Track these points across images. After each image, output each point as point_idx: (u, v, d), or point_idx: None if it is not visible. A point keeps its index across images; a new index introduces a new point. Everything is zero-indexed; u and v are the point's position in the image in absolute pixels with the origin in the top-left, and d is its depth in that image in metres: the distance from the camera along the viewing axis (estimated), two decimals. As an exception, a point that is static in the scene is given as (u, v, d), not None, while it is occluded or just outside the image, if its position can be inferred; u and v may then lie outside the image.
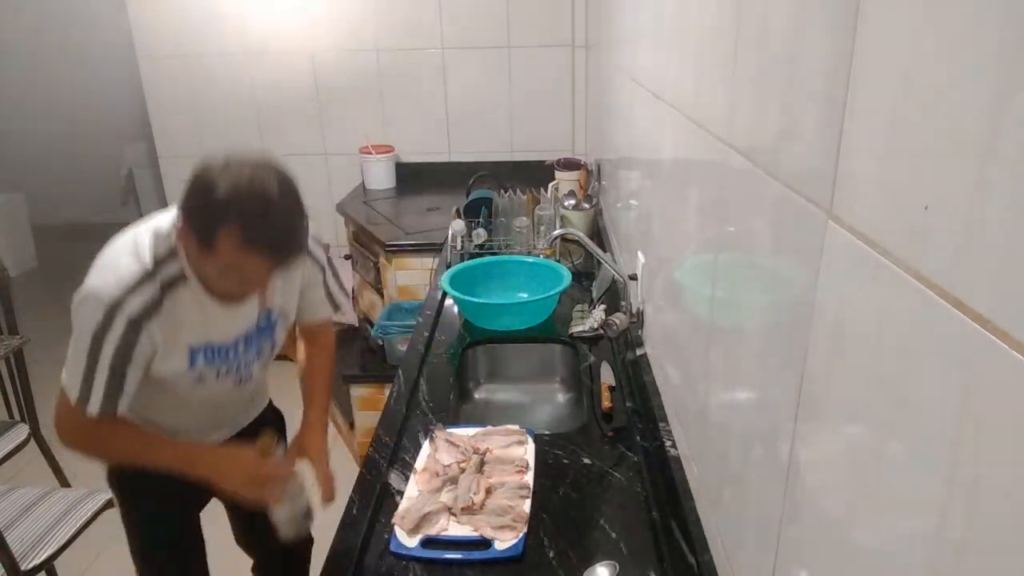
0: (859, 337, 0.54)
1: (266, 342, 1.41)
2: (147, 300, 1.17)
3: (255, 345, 1.39)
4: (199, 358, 1.28)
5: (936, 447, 0.44)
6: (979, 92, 0.39)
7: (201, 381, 1.31)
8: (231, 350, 1.34)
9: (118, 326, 1.15)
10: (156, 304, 1.18)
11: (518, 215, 2.45)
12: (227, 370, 1.35)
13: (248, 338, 1.36)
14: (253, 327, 1.36)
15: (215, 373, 1.33)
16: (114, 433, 1.28)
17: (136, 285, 1.17)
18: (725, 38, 0.91)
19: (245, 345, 1.36)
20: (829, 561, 0.61)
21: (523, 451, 1.39)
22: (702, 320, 1.08)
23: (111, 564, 2.41)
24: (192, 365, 1.28)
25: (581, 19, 3.27)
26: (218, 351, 1.31)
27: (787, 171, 0.70)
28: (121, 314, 1.15)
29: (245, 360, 1.38)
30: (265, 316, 1.38)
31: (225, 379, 1.36)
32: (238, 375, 1.39)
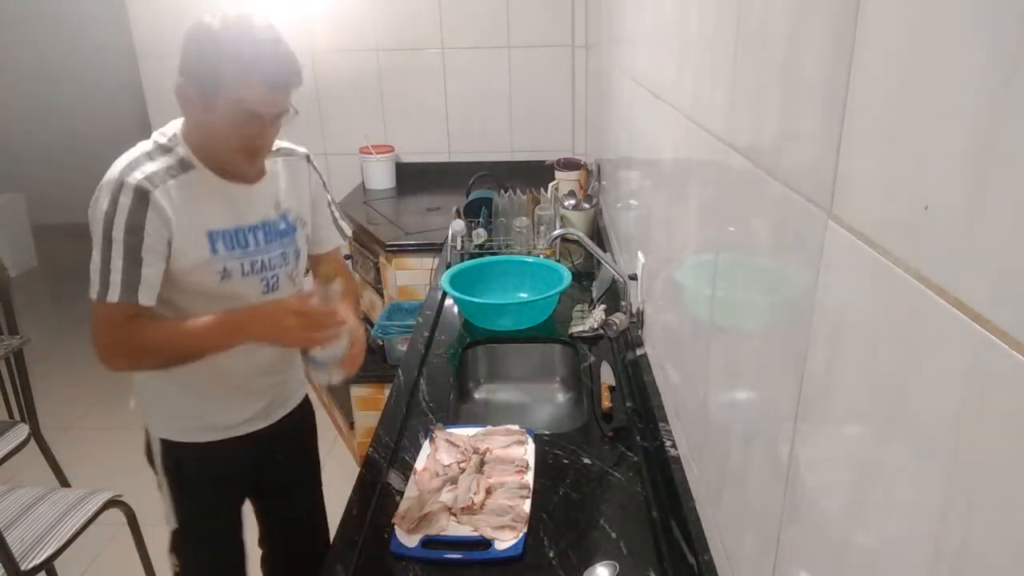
0: (859, 337, 0.54)
1: (289, 245, 1.41)
2: (152, 170, 1.22)
3: (277, 243, 1.38)
4: (219, 243, 1.29)
5: (936, 447, 0.44)
6: (979, 92, 0.39)
7: (228, 277, 1.31)
8: (250, 237, 1.33)
9: (125, 198, 1.19)
10: (162, 175, 1.23)
11: (518, 215, 2.45)
12: (251, 267, 1.34)
13: (267, 230, 1.36)
14: (271, 220, 1.37)
15: (240, 267, 1.32)
16: (148, 327, 1.25)
17: (141, 161, 1.23)
18: (725, 38, 0.91)
19: (265, 238, 1.36)
20: (829, 561, 0.61)
21: (523, 451, 1.39)
22: (702, 320, 1.08)
23: (111, 564, 2.41)
24: (214, 251, 1.28)
25: (581, 19, 3.27)
26: (237, 237, 1.31)
27: (787, 171, 0.70)
28: (127, 185, 1.19)
29: (269, 259, 1.37)
30: (282, 217, 1.40)
31: (252, 279, 1.34)
32: (264, 278, 1.36)
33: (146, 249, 1.21)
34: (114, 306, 1.20)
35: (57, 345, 4.08)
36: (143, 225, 1.20)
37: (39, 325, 4.29)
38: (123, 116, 5.48)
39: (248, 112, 1.20)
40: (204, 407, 1.42)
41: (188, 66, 1.21)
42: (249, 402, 1.47)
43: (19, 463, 2.38)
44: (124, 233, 1.19)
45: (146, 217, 1.20)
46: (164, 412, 1.44)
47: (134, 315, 1.23)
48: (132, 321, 1.23)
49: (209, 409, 1.43)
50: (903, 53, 0.48)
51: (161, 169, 1.24)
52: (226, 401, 1.44)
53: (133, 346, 1.26)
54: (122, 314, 1.22)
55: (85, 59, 5.44)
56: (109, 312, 1.21)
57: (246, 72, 1.18)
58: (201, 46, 1.20)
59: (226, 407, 1.44)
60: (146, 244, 1.20)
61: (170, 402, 1.42)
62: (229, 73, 1.17)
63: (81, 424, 3.33)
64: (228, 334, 1.28)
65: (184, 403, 1.42)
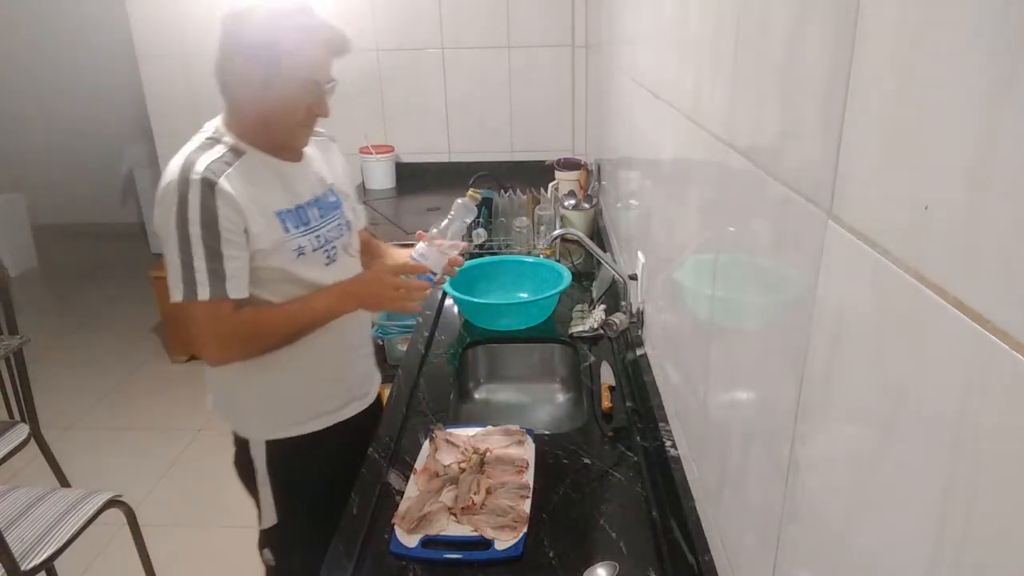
0: (859, 337, 0.54)
1: (340, 218, 1.46)
2: (209, 161, 1.24)
3: (331, 216, 1.43)
4: (288, 222, 1.32)
5: (936, 447, 0.44)
6: (979, 91, 0.39)
7: (302, 254, 1.34)
8: (309, 213, 1.37)
9: (193, 194, 1.20)
10: (220, 165, 1.24)
11: (518, 215, 2.45)
12: (317, 242, 1.38)
13: (321, 205, 1.40)
14: (322, 195, 1.41)
15: (310, 244, 1.36)
16: (259, 313, 1.29)
17: (195, 156, 1.24)
18: (725, 38, 0.91)
19: (320, 212, 1.40)
20: (829, 561, 0.61)
21: (523, 451, 1.39)
22: (702, 320, 1.08)
23: (111, 564, 2.41)
24: (286, 230, 1.32)
25: (581, 19, 3.27)
26: (299, 214, 1.35)
27: (787, 171, 0.70)
28: (192, 181, 1.20)
29: (327, 233, 1.41)
30: (329, 190, 1.44)
31: (318, 255, 1.38)
32: (326, 251, 1.40)
33: (224, 242, 1.22)
34: (210, 304, 1.22)
35: (57, 345, 4.08)
36: (216, 217, 1.21)
37: (39, 325, 4.29)
38: (123, 117, 5.48)
39: (310, 80, 1.25)
40: (308, 395, 1.47)
41: (243, 47, 1.23)
42: (345, 382, 1.52)
43: (19, 463, 2.38)
44: (201, 228, 1.20)
45: (217, 208, 1.21)
46: (266, 413, 1.46)
47: (235, 307, 1.25)
48: (237, 312, 1.25)
49: (313, 396, 1.47)
50: (903, 52, 0.48)
51: (216, 159, 1.25)
52: (326, 384, 1.49)
53: (246, 334, 1.29)
54: (222, 308, 1.24)
55: (85, 60, 5.44)
56: (207, 310, 1.23)
57: (308, 40, 1.23)
58: (256, 24, 1.22)
59: (327, 391, 1.49)
60: (223, 237, 1.22)
61: (272, 402, 1.45)
62: (291, 43, 1.21)
63: (81, 424, 3.33)
64: (339, 301, 1.34)
65: (288, 398, 1.45)
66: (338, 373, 1.51)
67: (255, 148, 1.31)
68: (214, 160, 1.25)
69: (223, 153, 1.27)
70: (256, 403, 1.45)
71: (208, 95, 4.22)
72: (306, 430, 1.47)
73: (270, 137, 1.32)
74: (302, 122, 1.31)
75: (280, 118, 1.29)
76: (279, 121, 1.30)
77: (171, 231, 1.21)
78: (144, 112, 3.69)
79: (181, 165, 1.23)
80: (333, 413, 1.51)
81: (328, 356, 1.46)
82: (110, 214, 5.92)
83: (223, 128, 1.32)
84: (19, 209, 5.26)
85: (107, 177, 5.70)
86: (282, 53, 1.22)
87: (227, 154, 1.27)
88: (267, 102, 1.26)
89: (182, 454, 3.07)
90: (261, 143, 1.31)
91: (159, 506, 2.73)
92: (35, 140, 5.72)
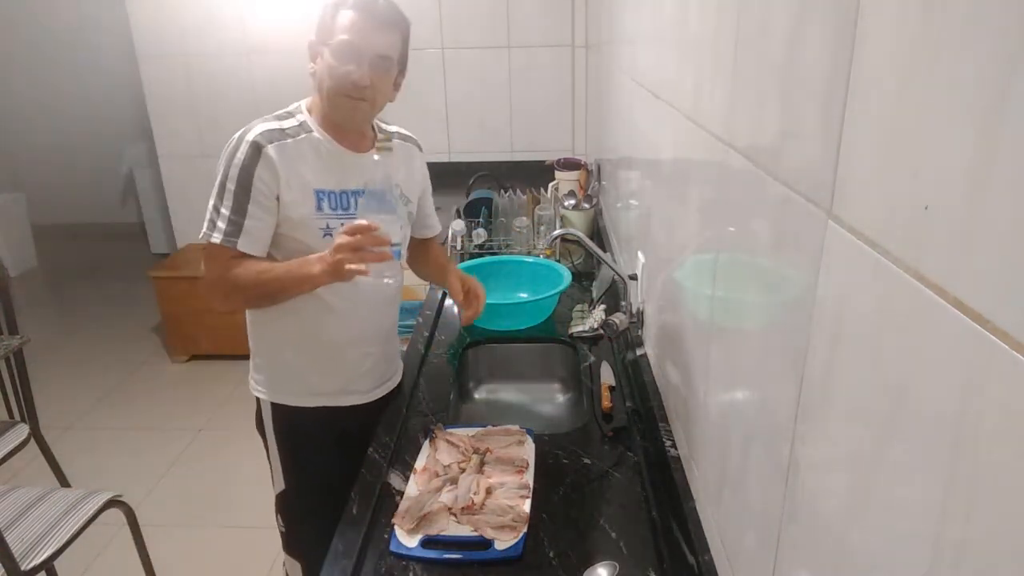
0: (859, 337, 0.54)
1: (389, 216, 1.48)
2: (269, 128, 1.36)
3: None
4: (324, 203, 1.39)
5: (936, 447, 0.44)
6: (979, 91, 0.39)
7: (329, 235, 1.38)
8: (352, 200, 1.42)
9: (241, 153, 1.32)
10: (279, 134, 1.35)
11: (518, 215, 2.45)
12: None
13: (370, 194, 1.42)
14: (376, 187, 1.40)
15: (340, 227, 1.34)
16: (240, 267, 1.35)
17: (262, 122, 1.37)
18: (725, 38, 0.91)
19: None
20: (829, 561, 0.61)
21: (523, 451, 1.39)
22: (702, 320, 1.08)
23: (111, 564, 2.41)
24: (319, 208, 1.39)
25: (581, 19, 3.27)
26: (341, 199, 1.41)
27: (787, 171, 0.70)
28: (245, 141, 1.33)
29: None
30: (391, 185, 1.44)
31: None
32: None
33: (253, 201, 1.32)
34: (217, 247, 1.33)
35: (57, 345, 4.08)
36: (252, 179, 1.32)
37: (39, 325, 4.29)
38: (123, 117, 5.48)
39: (348, 44, 1.31)
40: (308, 372, 1.52)
41: (317, 24, 1.36)
42: (344, 371, 1.54)
43: (19, 463, 2.38)
44: (236, 184, 1.32)
45: (255, 170, 1.32)
46: (276, 377, 1.54)
47: (236, 256, 1.34)
48: (232, 262, 1.34)
49: (309, 375, 1.52)
50: (903, 52, 0.48)
51: (279, 129, 1.37)
52: (325, 368, 1.53)
53: (227, 284, 1.37)
54: (224, 255, 1.34)
55: (85, 60, 5.44)
56: (213, 251, 1.34)
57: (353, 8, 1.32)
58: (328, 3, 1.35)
59: (325, 373, 1.53)
60: (253, 197, 1.32)
61: (282, 369, 1.53)
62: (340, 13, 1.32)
63: (81, 424, 3.33)
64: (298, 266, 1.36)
65: (293, 369, 1.52)
66: (334, 358, 1.53)
67: (322, 129, 1.40)
68: (274, 128, 1.36)
69: (289, 126, 1.38)
70: (267, 363, 1.53)
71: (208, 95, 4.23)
72: (303, 403, 1.53)
73: (327, 113, 1.39)
74: (346, 91, 1.34)
75: (327, 86, 1.35)
76: (326, 92, 1.35)
77: (217, 177, 1.34)
78: (144, 112, 3.69)
79: (247, 127, 1.36)
80: (328, 396, 1.54)
81: (330, 341, 1.49)
82: (110, 214, 5.92)
83: (304, 107, 1.43)
84: (19, 209, 5.26)
85: (107, 177, 5.70)
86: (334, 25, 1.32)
87: (293, 128, 1.38)
88: (320, 75, 1.35)
89: (182, 454, 3.07)
90: (327, 125, 1.41)
91: (159, 506, 2.73)
92: (35, 140, 5.72)
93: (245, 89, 3.50)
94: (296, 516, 1.62)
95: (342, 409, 1.55)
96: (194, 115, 3.56)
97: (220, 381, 3.61)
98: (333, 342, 1.50)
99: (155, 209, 5.05)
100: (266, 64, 3.44)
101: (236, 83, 3.50)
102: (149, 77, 3.55)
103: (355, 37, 1.32)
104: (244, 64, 3.47)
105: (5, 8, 5.33)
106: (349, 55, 1.32)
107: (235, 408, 3.37)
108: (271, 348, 1.52)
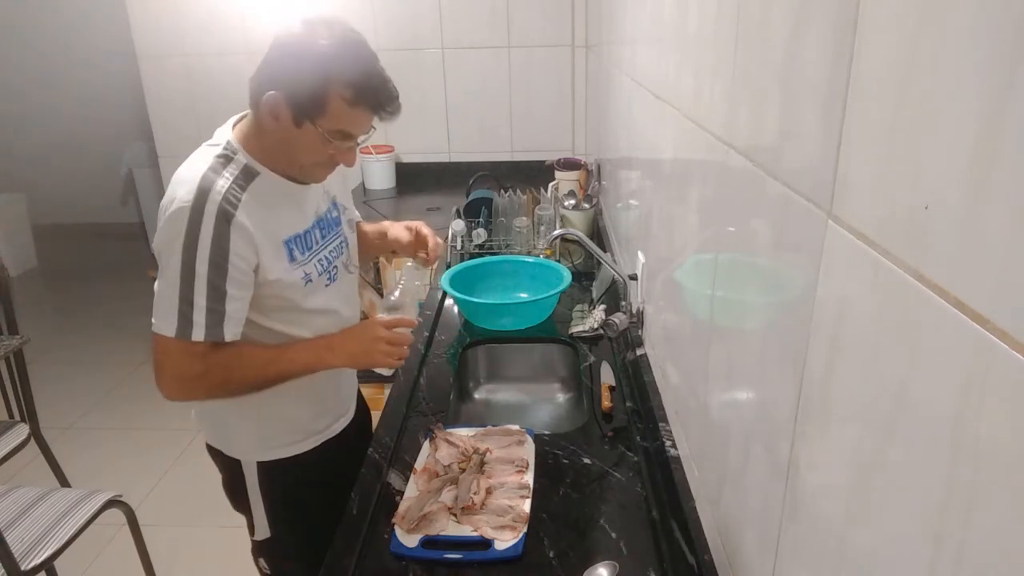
0: (859, 337, 0.54)
1: (339, 235, 1.42)
2: (225, 187, 1.15)
3: (332, 235, 1.39)
4: (295, 250, 1.27)
5: (936, 447, 0.44)
6: (979, 91, 0.39)
7: (309, 281, 1.29)
8: (312, 236, 1.32)
9: (207, 227, 1.12)
10: (235, 191, 1.16)
11: (518, 215, 2.45)
12: (320, 266, 1.33)
13: (322, 223, 1.36)
14: (324, 212, 1.37)
15: (315, 268, 1.31)
16: (234, 359, 1.20)
17: (210, 178, 1.15)
18: (725, 38, 0.91)
19: (322, 233, 1.36)
20: (829, 561, 0.61)
21: (523, 451, 1.39)
22: (702, 320, 1.08)
23: (111, 564, 2.41)
24: (292, 259, 1.26)
25: (581, 19, 3.27)
26: (305, 239, 1.30)
27: (787, 171, 0.70)
28: (208, 212, 1.12)
29: (329, 253, 1.37)
30: (332, 204, 1.40)
31: (322, 278, 1.33)
32: (327, 271, 1.36)
33: (231, 281, 1.15)
34: (198, 344, 1.15)
35: (57, 345, 4.08)
36: (227, 255, 1.13)
37: (39, 325, 4.29)
38: (123, 117, 5.48)
39: (345, 134, 1.19)
40: (298, 418, 1.43)
41: (289, 83, 1.14)
42: (334, 403, 1.50)
43: (19, 463, 2.38)
44: (208, 266, 1.12)
45: (230, 246, 1.14)
46: (256, 436, 1.41)
47: (211, 347, 1.16)
48: (214, 353, 1.17)
49: (303, 419, 1.44)
50: (903, 52, 0.48)
51: (231, 183, 1.17)
52: (315, 406, 1.46)
53: (215, 381, 1.21)
54: (204, 348, 1.16)
55: (85, 60, 5.44)
56: (190, 349, 1.15)
57: (355, 102, 1.14)
58: (309, 66, 1.13)
59: (316, 412, 1.46)
60: (230, 275, 1.15)
61: (262, 424, 1.40)
62: (337, 100, 1.14)
63: (81, 424, 3.33)
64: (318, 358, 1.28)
65: (279, 420, 1.41)
66: (326, 396, 1.48)
67: (268, 170, 1.24)
68: (229, 185, 1.17)
69: (236, 174, 1.19)
70: (247, 425, 1.41)
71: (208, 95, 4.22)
72: (297, 451, 1.44)
73: (287, 167, 1.26)
74: (323, 164, 1.25)
75: (302, 158, 1.23)
76: (299, 160, 1.24)
77: (174, 259, 1.13)
78: (144, 112, 3.68)
79: (196, 189, 1.14)
80: (323, 432, 1.48)
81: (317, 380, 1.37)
82: (110, 214, 5.92)
83: (236, 143, 1.23)
84: (19, 209, 5.26)
85: (107, 177, 5.70)
86: (326, 110, 1.14)
87: (240, 175, 1.20)
88: (290, 141, 1.19)
89: (182, 454, 3.07)
90: (272, 165, 1.24)
91: (159, 506, 2.73)
92: (35, 140, 5.73)
93: (245, 89, 3.49)
94: (284, 557, 1.53)
95: (331, 440, 1.50)
96: (194, 115, 3.56)
97: (220, 381, 3.61)
98: (327, 377, 1.41)
99: (155, 209, 5.00)
100: (266, 64, 3.44)
101: (236, 83, 3.47)
102: (149, 77, 3.55)
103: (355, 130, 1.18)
104: (244, 64, 3.44)
105: (5, 8, 5.33)
106: (347, 143, 1.20)
107: (235, 408, 3.37)
108: (253, 406, 1.34)
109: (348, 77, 1.13)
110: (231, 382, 1.24)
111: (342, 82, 1.13)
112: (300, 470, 1.45)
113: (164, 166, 3.79)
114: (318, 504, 1.48)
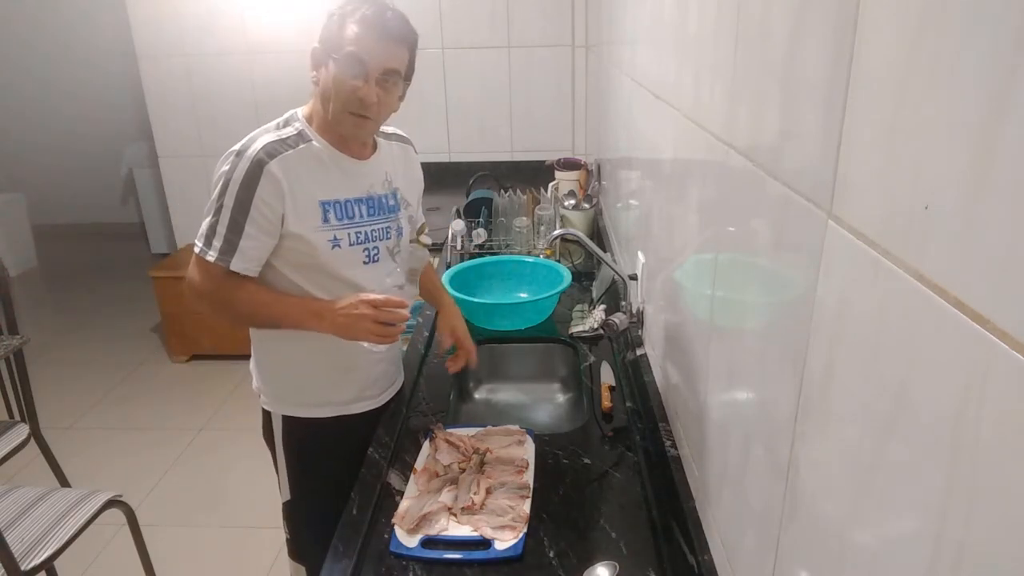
0: (859, 337, 0.54)
1: (392, 221, 1.48)
2: (271, 140, 1.32)
3: (381, 217, 1.46)
4: (330, 213, 1.37)
5: (936, 447, 0.44)
6: (979, 91, 0.39)
7: (337, 246, 1.38)
8: (356, 208, 1.41)
9: (242, 169, 1.28)
10: (279, 147, 1.31)
11: (518, 215, 2.45)
12: (356, 238, 1.41)
13: (371, 203, 1.44)
14: (378, 194, 1.45)
15: (348, 237, 1.39)
16: (239, 289, 1.34)
17: (261, 134, 1.33)
18: (725, 38, 0.91)
19: (369, 210, 1.43)
20: (829, 561, 0.61)
21: (523, 451, 1.39)
22: (702, 320, 1.08)
23: (111, 564, 2.41)
24: (325, 220, 1.36)
25: (581, 19, 3.27)
26: (346, 208, 1.39)
27: (787, 171, 0.70)
28: (246, 156, 1.29)
29: (372, 231, 1.44)
30: (392, 193, 1.48)
31: (356, 250, 1.41)
32: (366, 248, 1.43)
33: (251, 221, 1.29)
34: (212, 263, 1.31)
35: (57, 345, 4.08)
36: (252, 198, 1.28)
37: (39, 325, 4.29)
38: (123, 117, 5.48)
39: (355, 57, 1.27)
40: (317, 385, 1.52)
41: (322, 32, 1.32)
42: (354, 380, 1.54)
43: (19, 463, 2.38)
44: (234, 201, 1.28)
45: (256, 191, 1.28)
46: (284, 390, 1.53)
47: (230, 273, 1.32)
48: (228, 278, 1.33)
49: (321, 386, 1.52)
50: (903, 52, 0.48)
51: (279, 140, 1.33)
52: (335, 379, 1.52)
53: (219, 300, 1.36)
54: (218, 272, 1.32)
55: (85, 60, 5.44)
56: (208, 266, 1.32)
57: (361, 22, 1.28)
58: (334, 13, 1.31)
59: (335, 384, 1.53)
60: (251, 216, 1.29)
61: (289, 382, 1.52)
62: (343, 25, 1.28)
63: (81, 424, 3.33)
64: (306, 317, 1.36)
65: (301, 382, 1.52)
66: (349, 368, 1.53)
67: (322, 138, 1.37)
68: (276, 140, 1.32)
69: (289, 136, 1.34)
70: (274, 377, 1.52)
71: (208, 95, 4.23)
72: (315, 414, 1.52)
73: (329, 124, 1.36)
74: (352, 109, 1.32)
75: (334, 104, 1.32)
76: (332, 109, 1.32)
77: (215, 192, 1.30)
78: (144, 112, 3.69)
79: (248, 139, 1.32)
80: (342, 405, 1.53)
81: (341, 350, 1.46)
82: (110, 214, 5.92)
83: (301, 115, 1.39)
84: (19, 209, 5.26)
85: (107, 177, 5.70)
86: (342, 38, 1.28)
87: (292, 138, 1.34)
88: (325, 88, 1.32)
89: (182, 454, 3.07)
90: (324, 133, 1.37)
91: (159, 506, 2.73)
92: (35, 140, 5.72)
93: (245, 89, 3.50)
94: (301, 524, 1.61)
95: (354, 416, 1.54)
96: (194, 115, 3.56)
97: (220, 381, 3.61)
98: (346, 353, 1.48)
99: (155, 209, 5.05)
100: (266, 64, 3.44)
101: (236, 83, 3.50)
102: (149, 77, 3.55)
103: (362, 51, 1.28)
104: (244, 64, 3.47)
105: (5, 8, 5.33)
106: (356, 69, 1.29)
107: (235, 408, 3.37)
108: (281, 362, 1.51)
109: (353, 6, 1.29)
110: (231, 308, 1.38)
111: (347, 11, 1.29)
112: (319, 436, 1.52)
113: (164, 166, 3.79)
114: (333, 476, 1.52)
